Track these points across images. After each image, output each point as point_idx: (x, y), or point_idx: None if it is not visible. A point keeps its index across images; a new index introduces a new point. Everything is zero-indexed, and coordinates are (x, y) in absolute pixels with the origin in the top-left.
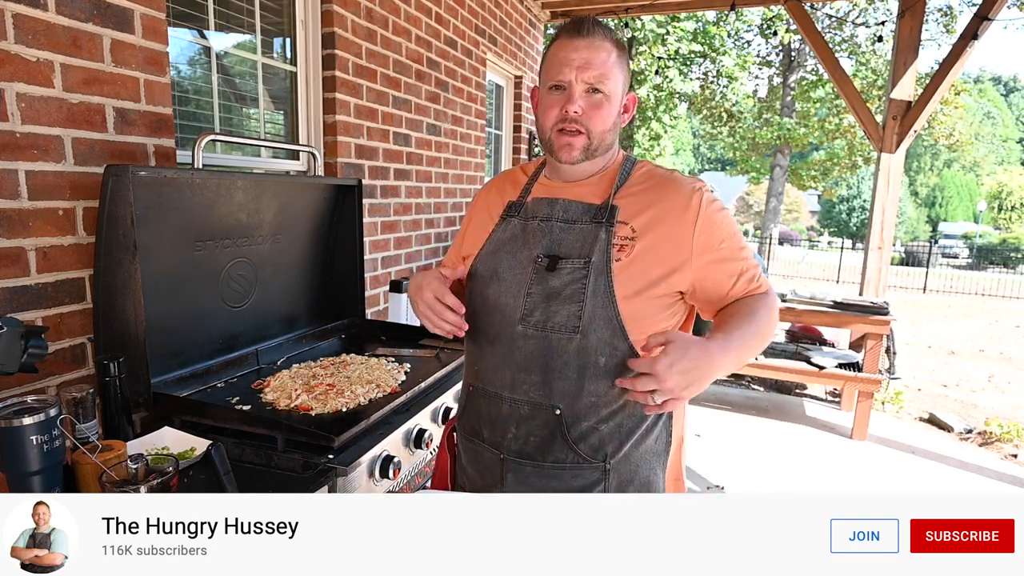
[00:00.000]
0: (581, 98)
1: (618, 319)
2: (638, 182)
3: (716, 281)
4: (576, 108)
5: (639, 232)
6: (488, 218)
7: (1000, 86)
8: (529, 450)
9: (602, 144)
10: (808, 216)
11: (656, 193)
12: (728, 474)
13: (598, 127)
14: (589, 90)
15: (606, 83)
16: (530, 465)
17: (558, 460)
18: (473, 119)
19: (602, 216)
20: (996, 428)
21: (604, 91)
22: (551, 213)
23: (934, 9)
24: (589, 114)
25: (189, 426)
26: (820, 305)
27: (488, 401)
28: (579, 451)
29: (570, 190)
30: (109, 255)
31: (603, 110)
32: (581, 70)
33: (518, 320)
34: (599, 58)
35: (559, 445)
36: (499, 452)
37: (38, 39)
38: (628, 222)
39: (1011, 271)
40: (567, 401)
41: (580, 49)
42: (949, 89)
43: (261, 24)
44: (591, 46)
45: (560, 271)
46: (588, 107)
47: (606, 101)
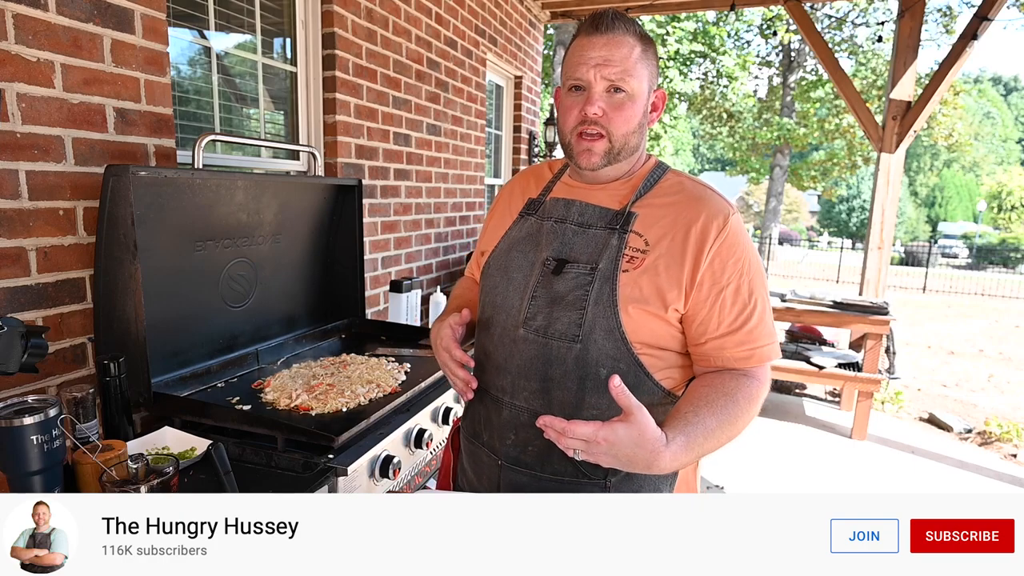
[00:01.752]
0: (601, 98)
1: (620, 330)
2: (664, 193)
3: (705, 317)
4: (596, 110)
5: (652, 245)
6: (508, 214)
7: (1000, 86)
8: (527, 459)
9: (625, 147)
10: (808, 216)
11: (680, 208)
12: (728, 474)
13: (620, 129)
14: (610, 89)
15: (628, 81)
16: (527, 475)
17: (556, 472)
18: (473, 119)
19: (617, 223)
20: (996, 428)
21: (627, 90)
22: (566, 215)
23: (934, 9)
24: (610, 116)
25: (189, 426)
26: (820, 305)
27: (489, 403)
28: (579, 465)
29: (590, 193)
30: (109, 255)
31: (626, 111)
32: (600, 68)
33: (521, 323)
34: (620, 54)
35: (558, 456)
36: (497, 458)
37: (38, 39)
38: (643, 234)
39: (1011, 271)
40: (567, 413)
41: (598, 46)
42: (948, 90)
43: (261, 24)
44: (610, 42)
45: (565, 275)
46: (609, 108)
47: (629, 101)
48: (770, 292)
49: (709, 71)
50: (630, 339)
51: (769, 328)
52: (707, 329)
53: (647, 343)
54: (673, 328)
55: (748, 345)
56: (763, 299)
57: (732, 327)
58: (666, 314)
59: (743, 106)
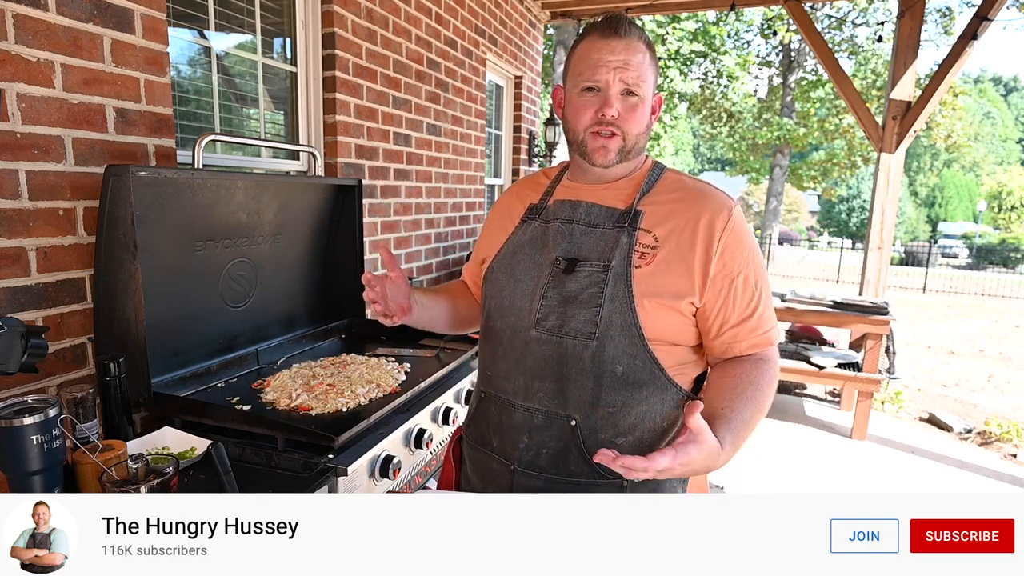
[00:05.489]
0: (617, 100)
1: (637, 326)
2: (666, 191)
3: (720, 308)
4: (614, 112)
5: (661, 242)
6: (508, 221)
7: (1000, 86)
8: (542, 462)
9: (636, 147)
10: (808, 216)
11: (684, 205)
12: (728, 474)
13: (634, 129)
14: (625, 92)
15: (642, 86)
16: (542, 479)
17: (572, 474)
18: (473, 119)
19: (625, 221)
20: (996, 428)
21: (640, 93)
22: (573, 215)
23: (933, 9)
24: (625, 117)
25: (189, 426)
26: (820, 305)
27: (500, 408)
28: (596, 466)
29: (594, 193)
30: (109, 255)
31: (638, 112)
32: (619, 71)
33: (532, 324)
34: (636, 60)
35: (574, 458)
36: (509, 463)
37: (38, 39)
38: (651, 230)
39: (1011, 271)
40: (583, 411)
41: (617, 51)
42: (948, 90)
43: (261, 24)
44: (628, 47)
45: (578, 274)
46: (624, 110)
47: (641, 104)
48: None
49: (709, 71)
50: (646, 334)
51: (772, 312)
52: (723, 319)
53: (661, 338)
54: (687, 322)
55: (760, 331)
56: (765, 285)
57: (744, 315)
58: (680, 307)
59: (743, 106)
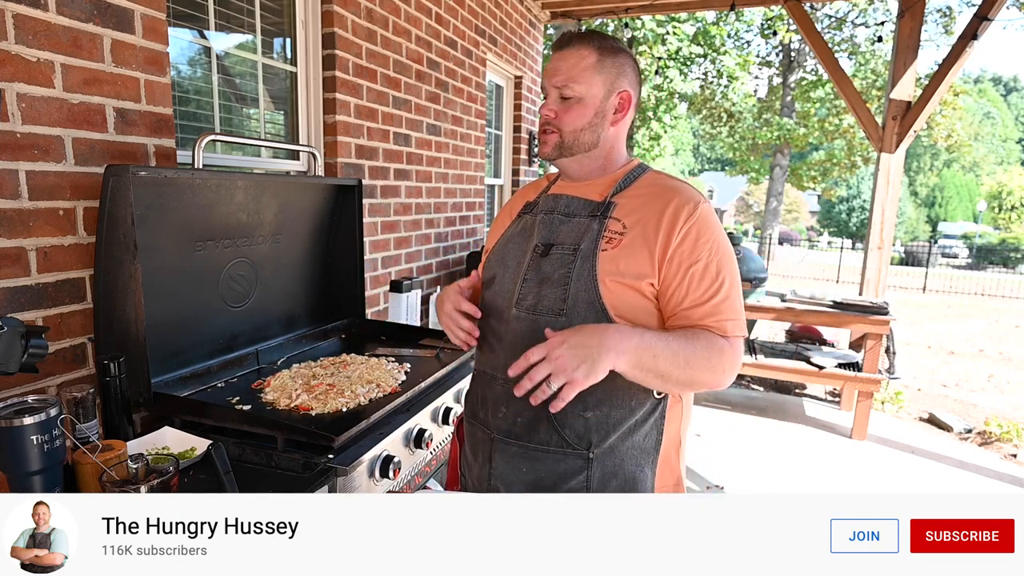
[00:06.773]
0: (555, 103)
1: (600, 303)
2: (642, 186)
3: (675, 290)
4: (548, 112)
5: (629, 228)
6: (508, 218)
7: (1000, 86)
8: (517, 430)
9: (577, 142)
10: (808, 216)
11: (655, 198)
12: (728, 474)
13: (568, 126)
14: (560, 96)
15: (574, 87)
16: (516, 445)
17: (543, 442)
18: (473, 119)
19: (598, 211)
20: (996, 428)
21: (572, 95)
22: (554, 207)
23: (933, 9)
24: (560, 116)
25: (189, 426)
26: (820, 305)
27: (485, 383)
28: (564, 435)
29: (576, 188)
30: (109, 255)
31: (572, 111)
32: (550, 76)
33: (514, 304)
34: (567, 64)
35: (544, 426)
36: (490, 432)
37: (38, 39)
38: (621, 219)
39: (1011, 271)
40: None
41: (554, 60)
42: (948, 91)
43: (261, 24)
44: (562, 56)
45: (551, 257)
46: (560, 110)
47: (577, 103)
48: (770, 292)
49: (709, 71)
50: (610, 312)
51: (736, 305)
52: (678, 301)
53: (625, 316)
54: (648, 302)
55: (714, 316)
56: (732, 279)
57: (699, 300)
58: (641, 287)
59: (743, 106)
